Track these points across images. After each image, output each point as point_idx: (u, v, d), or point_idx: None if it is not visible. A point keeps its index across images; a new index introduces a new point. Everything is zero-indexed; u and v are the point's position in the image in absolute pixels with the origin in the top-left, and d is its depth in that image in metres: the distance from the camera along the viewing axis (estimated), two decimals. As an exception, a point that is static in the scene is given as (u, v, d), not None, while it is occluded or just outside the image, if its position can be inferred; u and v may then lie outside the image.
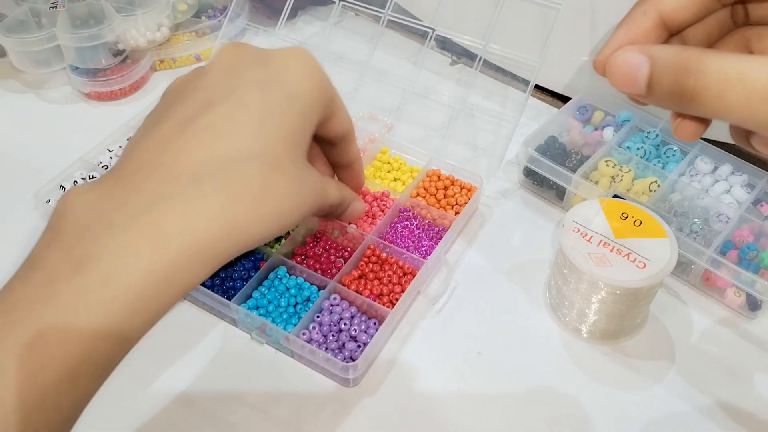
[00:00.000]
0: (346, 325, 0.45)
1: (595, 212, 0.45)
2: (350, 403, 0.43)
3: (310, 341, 0.44)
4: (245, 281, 0.47)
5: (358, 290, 0.46)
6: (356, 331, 0.44)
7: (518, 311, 0.48)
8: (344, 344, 0.44)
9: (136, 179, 0.29)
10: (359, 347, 0.43)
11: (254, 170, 0.29)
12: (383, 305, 0.45)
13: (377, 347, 0.44)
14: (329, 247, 0.49)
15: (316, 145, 0.38)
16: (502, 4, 0.57)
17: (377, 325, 0.45)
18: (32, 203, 0.54)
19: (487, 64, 0.64)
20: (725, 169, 0.53)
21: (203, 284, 0.46)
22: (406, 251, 0.48)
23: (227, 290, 0.47)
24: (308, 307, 0.46)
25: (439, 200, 0.53)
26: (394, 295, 0.46)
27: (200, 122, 0.30)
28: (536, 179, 0.55)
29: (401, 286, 0.47)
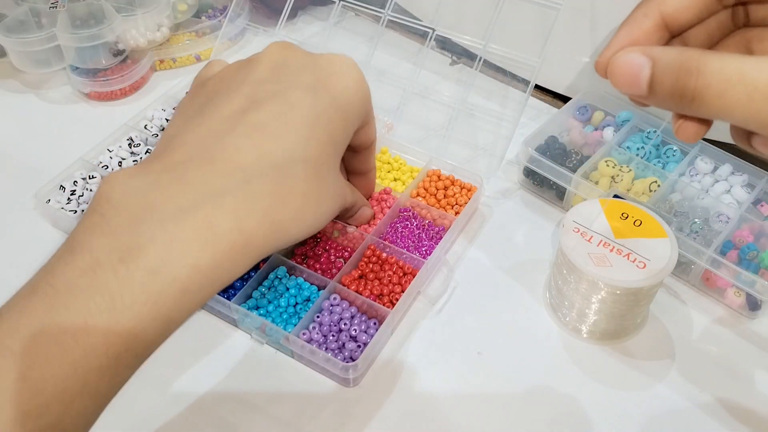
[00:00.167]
0: (346, 325, 0.45)
1: (595, 212, 0.45)
2: (350, 403, 0.43)
3: (310, 341, 0.44)
4: (245, 281, 0.47)
5: (358, 290, 0.46)
6: (356, 331, 0.44)
7: (518, 311, 0.48)
8: (344, 344, 0.44)
9: (186, 170, 0.29)
10: (359, 347, 0.43)
11: (300, 174, 0.30)
12: (383, 305, 0.45)
13: (377, 347, 0.44)
14: (329, 247, 0.49)
15: None
16: (502, 4, 0.57)
17: (377, 325, 0.45)
18: (32, 203, 0.54)
19: (487, 64, 0.64)
20: (725, 169, 0.53)
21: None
22: (406, 251, 0.48)
23: (227, 290, 0.47)
24: (308, 307, 0.46)
25: (439, 200, 0.53)
26: (394, 295, 0.46)
27: (250, 119, 0.30)
28: (536, 179, 0.55)
29: (401, 286, 0.47)
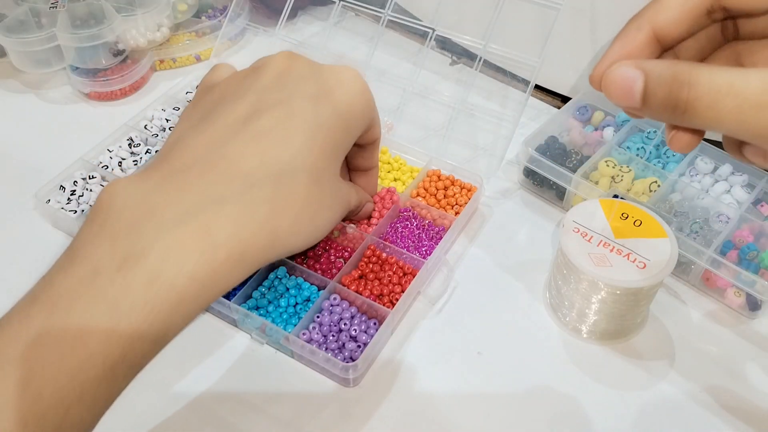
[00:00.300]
0: (346, 325, 0.45)
1: (595, 212, 0.45)
2: (350, 403, 0.43)
3: (310, 341, 0.44)
4: (245, 281, 0.47)
5: (358, 290, 0.46)
6: (356, 331, 0.44)
7: (518, 311, 0.48)
8: (344, 344, 0.44)
9: (187, 177, 0.29)
10: (359, 347, 0.43)
11: (301, 183, 0.30)
12: (383, 305, 0.45)
13: (377, 347, 0.44)
14: (329, 247, 0.49)
15: None
16: (502, 4, 0.57)
17: (377, 325, 0.45)
18: (32, 203, 0.54)
19: (487, 64, 0.64)
20: (725, 169, 0.53)
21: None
22: (406, 251, 0.48)
23: (227, 290, 0.47)
24: (308, 307, 0.46)
25: (439, 200, 0.53)
26: (394, 295, 0.46)
27: (253, 126, 0.30)
28: (536, 179, 0.55)
29: (401, 286, 0.47)
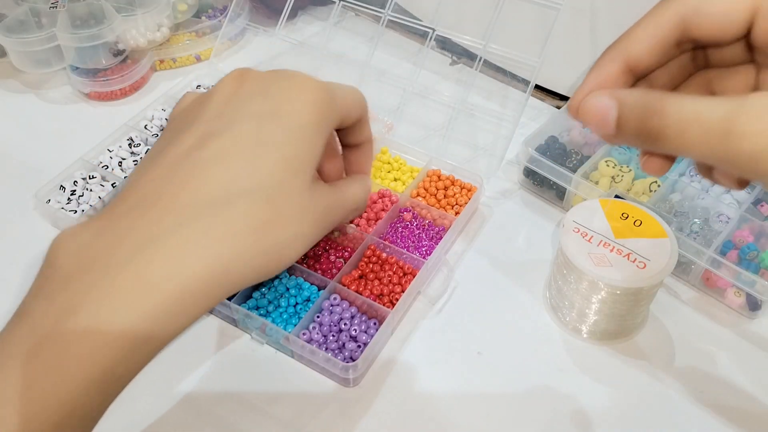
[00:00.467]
0: (346, 325, 0.45)
1: (595, 212, 0.45)
2: (350, 403, 0.43)
3: (310, 341, 0.44)
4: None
5: (358, 290, 0.46)
6: (356, 331, 0.44)
7: (518, 311, 0.48)
8: (344, 344, 0.44)
9: (129, 218, 0.28)
10: (359, 347, 0.43)
11: (244, 207, 0.28)
12: (383, 305, 0.45)
13: (377, 347, 0.44)
14: (329, 247, 0.49)
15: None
16: (502, 4, 0.57)
17: (377, 325, 0.45)
18: (32, 203, 0.54)
19: (487, 64, 0.64)
20: (725, 169, 0.53)
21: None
22: (406, 251, 0.48)
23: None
24: (308, 307, 0.46)
25: (439, 200, 0.53)
26: (394, 295, 0.46)
27: (195, 157, 0.29)
28: (536, 179, 0.55)
29: (401, 286, 0.47)
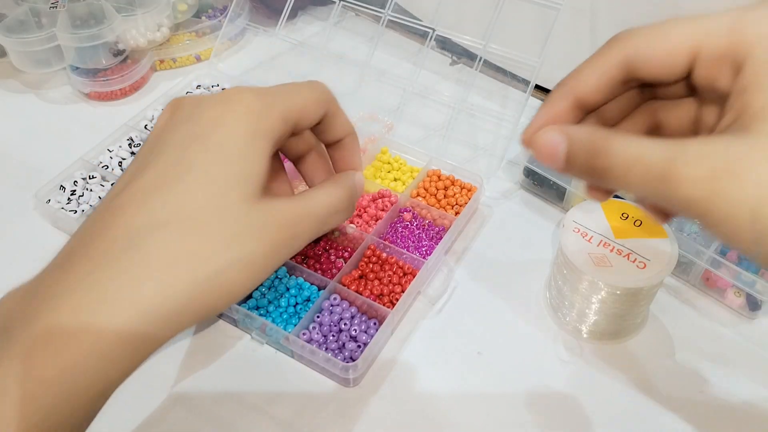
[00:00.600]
0: (346, 325, 0.45)
1: (595, 212, 0.45)
2: (350, 403, 0.43)
3: (310, 341, 0.44)
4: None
5: (358, 290, 0.46)
6: (356, 331, 0.44)
7: (518, 311, 0.48)
8: (344, 344, 0.44)
9: (64, 266, 0.27)
10: (359, 347, 0.43)
11: (162, 242, 0.26)
12: (383, 305, 0.45)
13: (377, 347, 0.44)
14: (329, 247, 0.49)
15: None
16: (502, 4, 0.57)
17: (377, 325, 0.45)
18: (32, 203, 0.54)
19: (487, 64, 0.64)
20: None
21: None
22: (406, 251, 0.48)
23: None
24: (308, 307, 0.46)
25: (439, 200, 0.53)
26: (394, 295, 0.46)
27: (116, 202, 0.28)
28: (536, 179, 0.55)
29: (401, 286, 0.47)
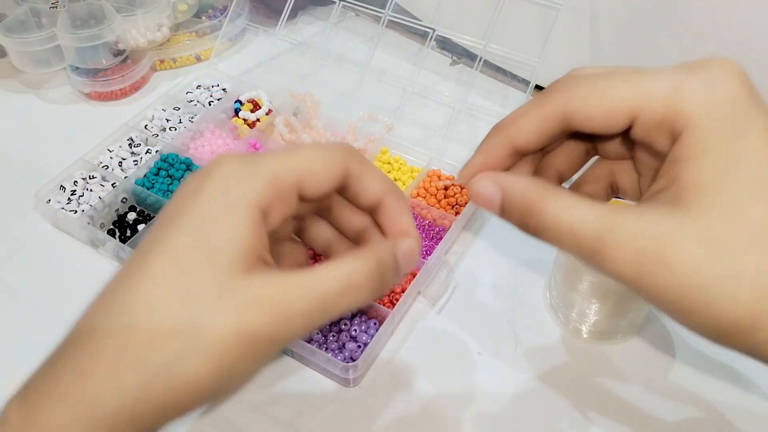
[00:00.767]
0: (346, 325, 0.45)
1: (595, 212, 0.45)
2: (350, 403, 0.43)
3: (310, 341, 0.44)
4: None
5: (358, 290, 0.46)
6: (356, 331, 0.44)
7: (518, 311, 0.48)
8: (344, 344, 0.44)
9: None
10: (359, 347, 0.43)
11: (115, 331, 0.24)
12: (383, 305, 0.45)
13: (377, 347, 0.44)
14: (329, 247, 0.49)
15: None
16: (502, 4, 0.57)
17: (377, 325, 0.45)
18: (32, 203, 0.54)
19: (487, 64, 0.64)
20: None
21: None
22: (406, 251, 0.48)
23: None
24: (308, 307, 0.46)
25: (439, 200, 0.53)
26: (394, 295, 0.46)
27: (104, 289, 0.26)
28: (536, 179, 0.55)
29: (401, 286, 0.47)
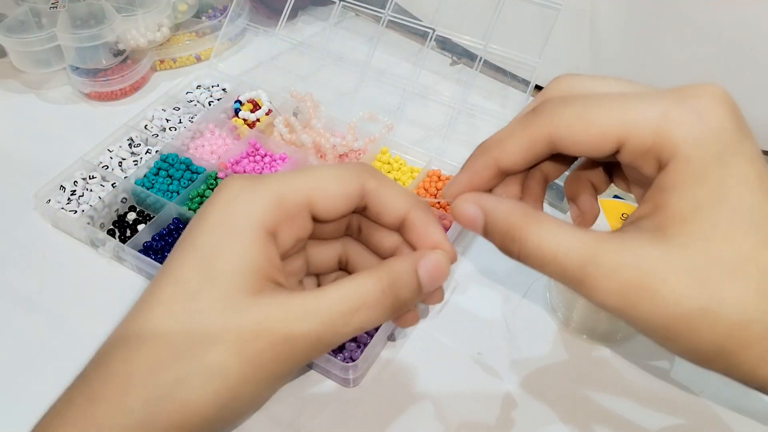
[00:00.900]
0: (346, 325, 0.45)
1: (595, 212, 0.45)
2: (350, 403, 0.43)
3: (310, 341, 0.44)
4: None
5: (358, 290, 0.46)
6: (356, 331, 0.44)
7: (518, 311, 0.48)
8: (344, 344, 0.44)
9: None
10: (359, 347, 0.43)
11: (122, 355, 0.25)
12: (383, 305, 0.45)
13: (377, 347, 0.44)
14: (329, 247, 0.49)
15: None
16: (502, 4, 0.57)
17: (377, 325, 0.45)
18: (32, 203, 0.54)
19: (487, 64, 0.64)
20: (725, 169, 0.53)
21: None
22: (406, 251, 0.48)
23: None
24: (308, 307, 0.46)
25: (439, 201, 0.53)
26: (394, 295, 0.46)
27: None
28: (536, 179, 0.55)
29: (401, 286, 0.47)
